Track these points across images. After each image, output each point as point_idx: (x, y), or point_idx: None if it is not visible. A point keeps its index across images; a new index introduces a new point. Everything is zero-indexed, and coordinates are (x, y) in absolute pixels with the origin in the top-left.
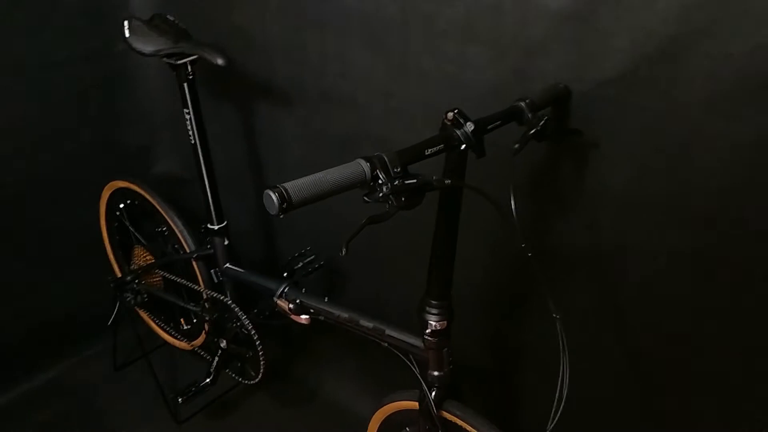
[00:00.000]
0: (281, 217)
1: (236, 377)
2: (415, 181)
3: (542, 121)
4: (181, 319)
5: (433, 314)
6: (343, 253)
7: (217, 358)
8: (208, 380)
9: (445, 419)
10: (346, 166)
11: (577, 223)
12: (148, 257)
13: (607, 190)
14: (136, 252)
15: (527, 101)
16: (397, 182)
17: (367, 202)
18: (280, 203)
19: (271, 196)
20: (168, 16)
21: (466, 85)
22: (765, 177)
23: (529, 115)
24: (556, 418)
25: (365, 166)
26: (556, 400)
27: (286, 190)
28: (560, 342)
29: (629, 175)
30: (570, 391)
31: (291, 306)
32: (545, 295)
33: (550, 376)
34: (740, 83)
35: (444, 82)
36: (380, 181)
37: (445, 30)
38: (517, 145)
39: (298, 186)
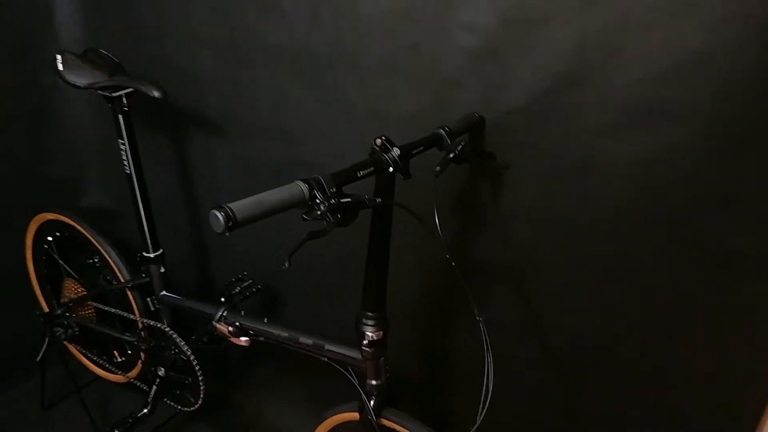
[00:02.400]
0: (227, 235)
1: (175, 405)
2: (349, 199)
3: (459, 146)
4: (115, 351)
5: (370, 325)
6: (286, 266)
7: (155, 387)
8: (146, 410)
9: (384, 426)
10: (286, 188)
11: (495, 238)
12: (79, 290)
13: (518, 207)
14: (66, 285)
15: (446, 129)
16: (333, 201)
17: (306, 219)
18: (226, 222)
19: (217, 216)
20: (101, 50)
21: (390, 115)
22: (652, 191)
23: (449, 141)
24: (483, 412)
25: (303, 187)
26: (482, 396)
27: (231, 209)
28: (484, 342)
29: (536, 194)
30: (494, 398)
31: (230, 329)
32: (469, 299)
33: (478, 381)
34: (626, 110)
35: (370, 113)
36: (318, 201)
37: (369, 66)
38: (438, 168)
39: (242, 206)
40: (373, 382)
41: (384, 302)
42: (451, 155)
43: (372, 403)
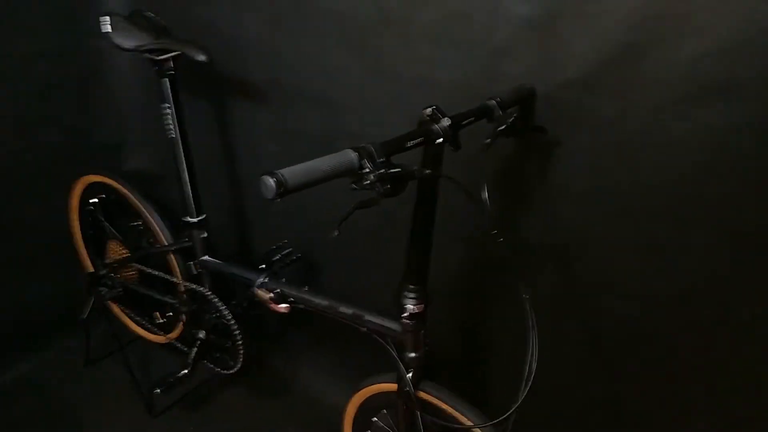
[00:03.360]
0: (278, 201)
1: (214, 367)
2: (399, 169)
3: (511, 119)
4: (156, 313)
5: (411, 298)
6: (336, 234)
7: (195, 349)
8: (185, 371)
9: (422, 399)
10: (336, 155)
11: (542, 215)
12: (122, 251)
13: (568, 184)
14: (110, 246)
15: (497, 100)
16: (382, 171)
17: (355, 189)
18: (277, 188)
19: (268, 181)
20: (147, 13)
21: (437, 84)
22: (711, 173)
23: (499, 113)
24: (526, 390)
25: (353, 155)
26: (525, 374)
27: (282, 175)
28: (530, 320)
29: (588, 171)
30: (535, 382)
31: (271, 295)
32: (515, 276)
33: (518, 359)
34: (687, 87)
35: (416, 82)
36: (367, 170)
37: (418, 32)
38: (488, 140)
39: (293, 172)
40: (412, 355)
41: (426, 275)
42: (502, 127)
43: (410, 375)
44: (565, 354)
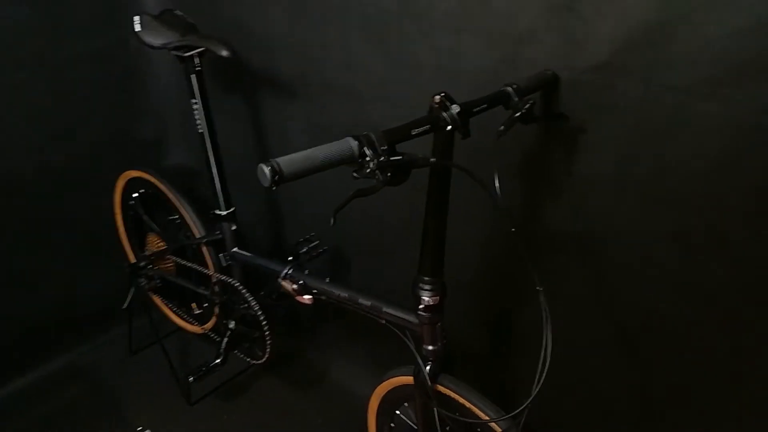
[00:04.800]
0: (273, 189)
1: (244, 357)
2: (400, 157)
3: (527, 105)
4: (193, 304)
5: (426, 290)
6: (332, 223)
7: (226, 339)
8: (218, 360)
9: (440, 392)
10: (335, 144)
11: (566, 205)
12: (160, 244)
13: (593, 173)
14: (150, 239)
15: (514, 86)
16: (383, 158)
17: (356, 177)
18: (272, 175)
19: (264, 169)
20: (176, 12)
21: (459, 73)
22: (744, 157)
23: (516, 99)
24: (539, 385)
25: (353, 143)
26: (539, 368)
27: (278, 164)
28: (543, 313)
29: (614, 159)
30: (558, 376)
31: (295, 287)
32: (529, 267)
33: (539, 354)
34: (719, 66)
35: (439, 71)
36: (367, 158)
37: (438, 21)
38: (502, 128)
39: (289, 161)
40: (430, 347)
41: (441, 267)
42: (517, 114)
43: (428, 368)
44: (591, 349)
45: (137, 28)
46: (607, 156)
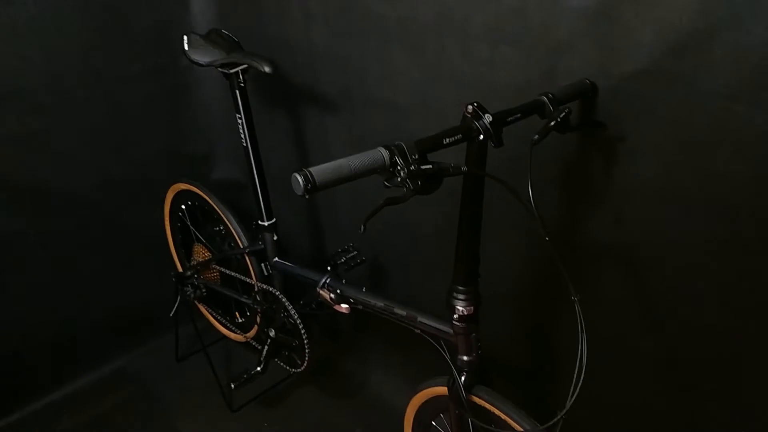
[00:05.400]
0: (306, 197)
1: (284, 365)
2: (430, 166)
3: (562, 114)
4: (237, 312)
5: (461, 300)
6: (362, 230)
7: (266, 347)
8: (258, 368)
9: (474, 403)
10: (367, 153)
11: (605, 215)
12: (206, 254)
13: (633, 182)
14: (196, 249)
15: (549, 95)
16: (413, 167)
17: (387, 186)
18: (305, 184)
19: (297, 178)
20: (223, 31)
21: (497, 84)
22: None
23: (551, 108)
24: (574, 397)
25: (384, 153)
26: (574, 380)
27: (311, 173)
28: (579, 322)
29: (655, 168)
30: (594, 388)
31: (332, 296)
32: (564, 277)
33: (574, 365)
34: (762, 71)
35: (476, 83)
36: (398, 167)
37: (476, 33)
38: (536, 137)
39: (321, 170)
40: (465, 358)
41: (476, 276)
42: (552, 123)
43: (462, 379)
44: (634, 365)
45: (186, 47)
46: (647, 164)
